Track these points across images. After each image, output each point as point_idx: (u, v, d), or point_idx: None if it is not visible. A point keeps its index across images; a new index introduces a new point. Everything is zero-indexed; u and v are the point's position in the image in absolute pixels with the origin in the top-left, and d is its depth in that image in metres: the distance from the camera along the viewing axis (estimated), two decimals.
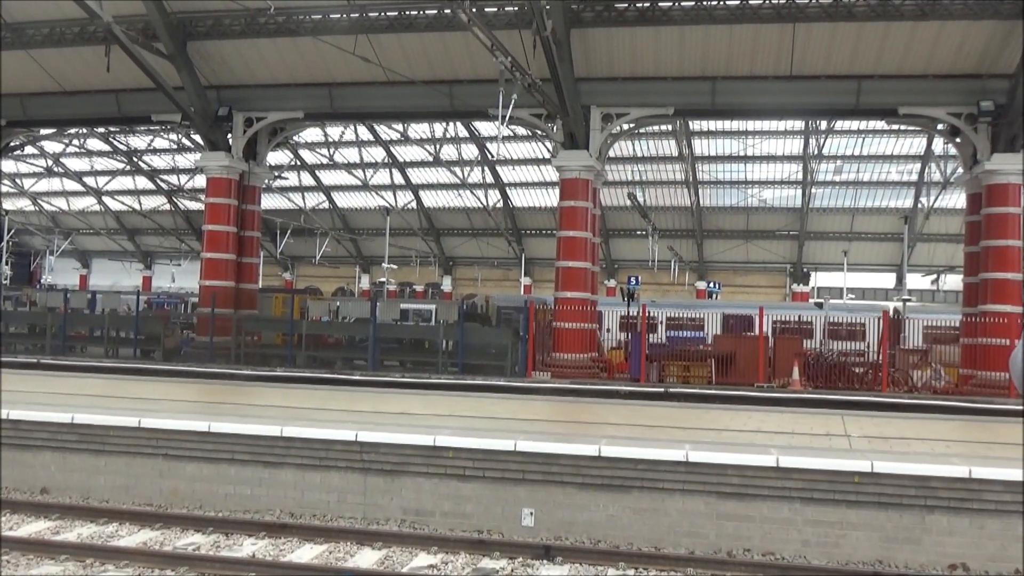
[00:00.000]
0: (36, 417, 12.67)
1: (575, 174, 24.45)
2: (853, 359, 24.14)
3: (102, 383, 18.24)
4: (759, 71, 23.67)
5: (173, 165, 50.06)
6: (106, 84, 26.89)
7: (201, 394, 17.28)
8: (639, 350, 23.18)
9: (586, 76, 24.07)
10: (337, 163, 47.19)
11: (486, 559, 9.85)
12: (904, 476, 10.09)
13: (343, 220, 54.99)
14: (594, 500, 10.84)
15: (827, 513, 10.25)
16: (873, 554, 10.07)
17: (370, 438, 11.46)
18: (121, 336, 28.41)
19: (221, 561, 9.38)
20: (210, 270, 27.43)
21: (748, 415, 15.38)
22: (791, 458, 10.44)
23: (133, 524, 10.95)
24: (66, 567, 9.27)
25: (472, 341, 24.46)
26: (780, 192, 47.00)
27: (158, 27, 24.32)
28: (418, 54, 24.72)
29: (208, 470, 12.01)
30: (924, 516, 10.04)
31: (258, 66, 26.38)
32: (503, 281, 55.12)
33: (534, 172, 47.34)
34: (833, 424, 14.16)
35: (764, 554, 10.23)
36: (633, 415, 15.18)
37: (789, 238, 48.87)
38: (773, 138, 41.30)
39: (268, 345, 27.26)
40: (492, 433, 11.88)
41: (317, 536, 10.47)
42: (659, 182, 46.62)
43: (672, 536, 10.56)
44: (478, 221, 52.10)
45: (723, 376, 22.75)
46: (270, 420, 12.49)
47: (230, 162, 27.09)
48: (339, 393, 17.65)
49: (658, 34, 23.13)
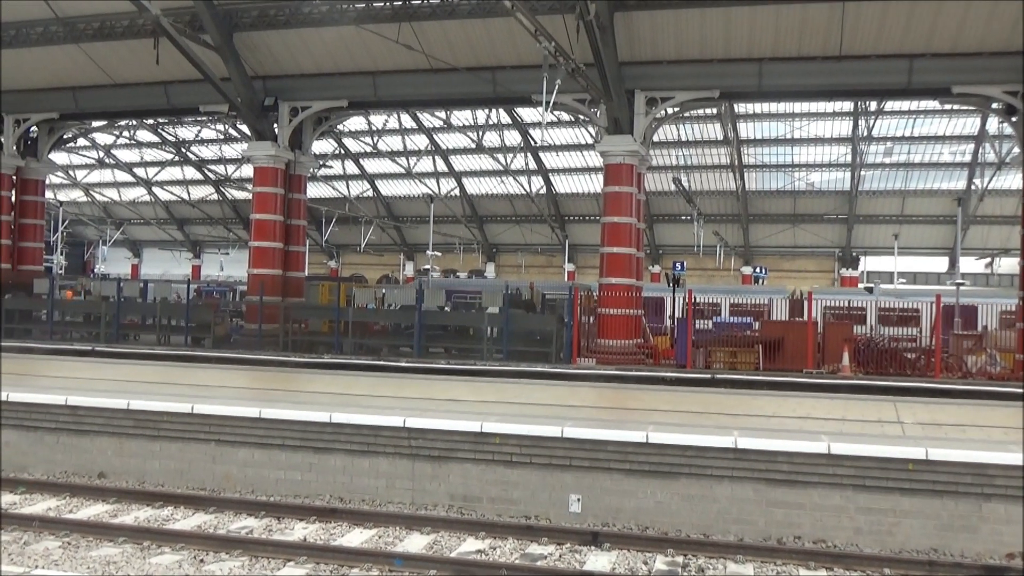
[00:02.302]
0: (93, 403, 12.98)
1: (619, 159, 24.27)
2: (905, 344, 23.68)
3: (155, 370, 18.62)
4: (807, 52, 23.22)
5: (220, 155, 50.73)
6: (155, 76, 27.41)
7: (251, 381, 17.55)
8: (685, 336, 22.98)
9: (630, 60, 23.84)
10: (381, 151, 47.42)
11: (534, 544, 9.88)
12: (960, 463, 9.89)
13: (387, 208, 55.31)
14: (642, 486, 10.80)
15: (880, 501, 10.09)
16: (928, 542, 9.90)
17: (418, 424, 11.54)
18: (172, 324, 28.91)
19: (273, 544, 9.54)
20: (258, 258, 27.80)
21: (797, 401, 15.19)
22: (842, 445, 10.29)
23: (187, 508, 11.19)
24: (124, 549, 9.49)
25: (517, 328, 24.45)
26: (828, 175, 46.16)
27: (205, 19, 24.61)
28: (461, 41, 24.71)
29: (259, 455, 12.21)
30: (981, 504, 9.84)
31: (303, 56, 26.59)
32: (547, 268, 55.02)
33: (577, 158, 47.10)
34: (885, 410, 13.92)
35: (815, 541, 10.11)
36: (680, 401, 15.08)
37: (837, 222, 47.98)
38: (821, 120, 40.53)
39: (315, 332, 27.54)
40: (539, 419, 11.90)
41: (366, 521, 10.59)
42: (704, 166, 46.08)
43: (721, 523, 10.49)
44: (521, 208, 52.02)
45: (771, 362, 22.47)
46: (319, 406, 12.64)
47: (276, 151, 27.38)
48: (386, 380, 17.79)
49: (703, 16, 22.81)
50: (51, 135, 32.44)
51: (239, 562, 9.15)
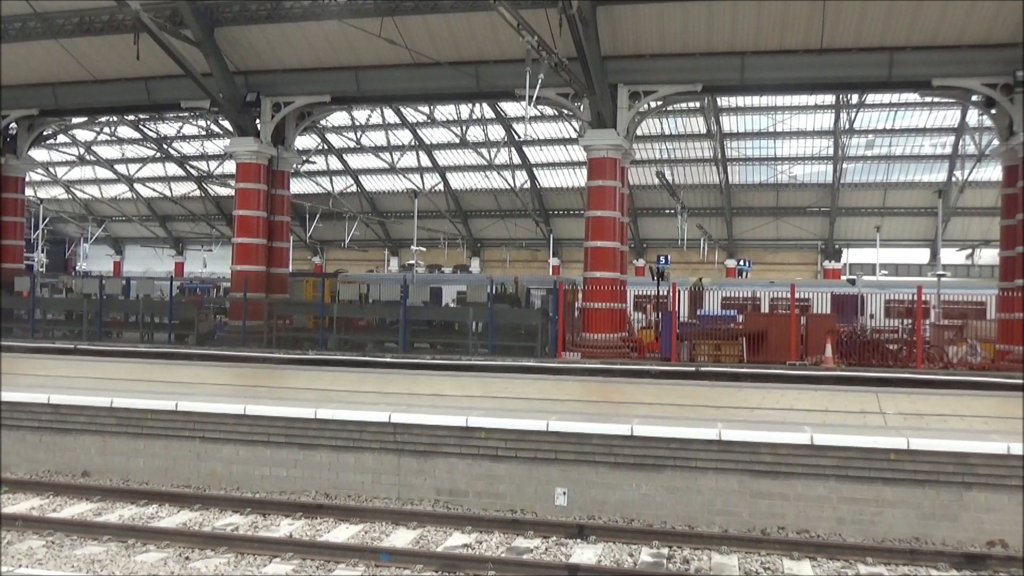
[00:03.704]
0: (76, 401, 12.89)
1: (603, 153, 24.32)
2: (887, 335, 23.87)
3: (138, 367, 18.51)
4: (789, 45, 23.33)
5: (202, 151, 50.49)
6: (135, 72, 27.21)
7: (235, 377, 17.48)
8: (669, 329, 23.07)
9: (613, 54, 23.89)
10: (364, 146, 47.31)
11: (520, 538, 9.90)
12: (941, 453, 9.97)
13: (371, 203, 55.18)
14: (627, 479, 10.84)
15: (863, 491, 10.17)
16: (910, 531, 9.99)
17: (403, 419, 11.53)
18: (155, 321, 28.76)
19: (259, 541, 9.51)
20: (241, 255, 27.69)
21: (781, 393, 15.28)
22: (825, 436, 10.36)
23: (172, 505, 11.13)
24: (109, 547, 9.44)
25: (502, 322, 24.48)
26: (810, 168, 46.43)
27: (185, 14, 24.45)
28: (444, 35, 24.66)
29: (244, 452, 12.16)
30: (962, 493, 9.93)
31: (285, 51, 26.46)
32: (531, 262, 55.09)
33: (561, 152, 47.15)
34: (868, 401, 14.03)
35: (799, 532, 10.18)
36: (665, 394, 15.14)
37: (820, 214, 48.29)
38: (803, 113, 40.75)
39: (300, 328, 27.49)
40: (524, 413, 11.91)
41: (353, 516, 10.59)
42: (687, 160, 46.24)
43: (706, 515, 10.55)
44: (505, 202, 52.03)
45: (755, 355, 22.61)
46: (304, 402, 12.61)
47: (259, 147, 27.26)
48: (371, 375, 17.78)
49: (685, 10, 22.86)
50: (31, 131, 32.11)
51: (224, 559, 9.12)
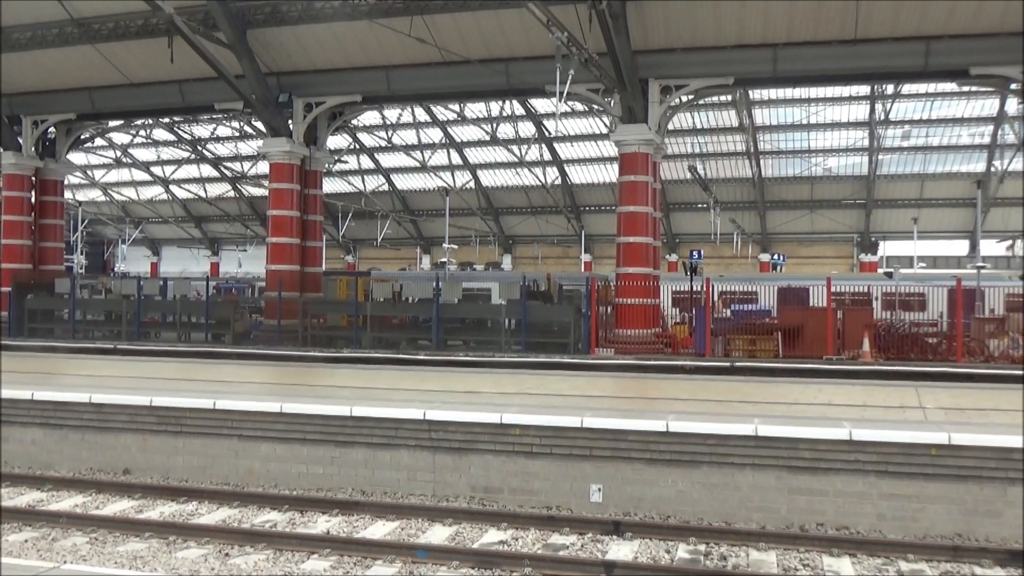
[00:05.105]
0: (117, 400, 13.10)
1: (634, 148, 24.19)
2: (926, 329, 23.49)
3: (177, 367, 18.76)
4: (822, 36, 23.03)
5: (236, 152, 51.02)
6: (170, 75, 27.58)
7: (271, 376, 17.66)
8: (704, 325, 22.89)
9: (643, 48, 23.72)
10: (395, 145, 47.50)
11: (556, 535, 9.89)
12: (984, 448, 9.81)
13: (403, 202, 55.43)
14: (663, 475, 10.79)
15: (904, 487, 10.03)
16: (952, 528, 9.84)
17: (438, 416, 11.57)
18: (192, 321, 29.12)
19: (297, 538, 9.60)
20: (276, 254, 27.96)
21: (818, 388, 15.12)
22: (864, 431, 10.23)
23: (212, 503, 11.28)
24: (150, 544, 9.59)
25: (535, 319, 24.44)
26: (845, 160, 45.85)
27: (218, 17, 24.70)
28: (473, 33, 24.66)
29: (281, 450, 12.28)
30: (1006, 489, 9.75)
31: (316, 52, 26.64)
32: (563, 259, 54.99)
33: (592, 148, 47.00)
34: (907, 396, 13.84)
35: (838, 528, 10.07)
36: (699, 390, 15.04)
37: (856, 207, 47.66)
38: (837, 105, 40.23)
39: (334, 327, 27.66)
40: (558, 410, 11.90)
41: (389, 513, 10.64)
42: (720, 154, 45.88)
43: (743, 511, 10.47)
44: (537, 199, 51.99)
45: (790, 349, 22.36)
46: (340, 400, 12.71)
47: (291, 147, 27.49)
48: (406, 373, 17.86)
49: (717, 2, 22.64)
50: (69, 135, 32.70)
51: (263, 555, 9.22)
